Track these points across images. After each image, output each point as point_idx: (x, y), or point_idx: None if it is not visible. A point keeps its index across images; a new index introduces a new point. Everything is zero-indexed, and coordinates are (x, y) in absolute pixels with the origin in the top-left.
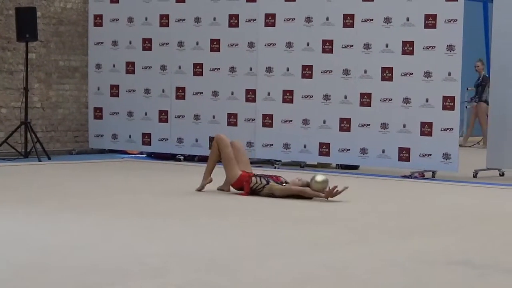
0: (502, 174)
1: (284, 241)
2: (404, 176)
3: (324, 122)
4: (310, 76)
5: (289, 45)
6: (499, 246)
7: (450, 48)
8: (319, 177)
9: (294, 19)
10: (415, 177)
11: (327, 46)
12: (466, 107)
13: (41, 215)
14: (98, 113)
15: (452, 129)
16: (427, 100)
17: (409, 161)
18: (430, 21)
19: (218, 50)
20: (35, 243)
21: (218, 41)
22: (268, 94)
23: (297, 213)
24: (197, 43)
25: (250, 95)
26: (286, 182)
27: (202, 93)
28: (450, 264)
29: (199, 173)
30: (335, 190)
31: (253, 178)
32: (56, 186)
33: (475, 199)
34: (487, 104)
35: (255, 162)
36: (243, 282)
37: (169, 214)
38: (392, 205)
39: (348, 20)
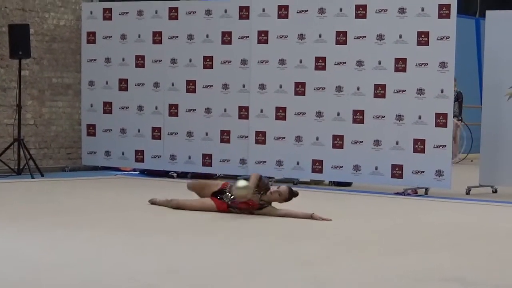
0: (495, 191)
1: (272, 258)
2: (397, 193)
3: (317, 139)
4: (303, 93)
5: (282, 62)
6: (492, 263)
7: (443, 65)
8: (241, 183)
9: (287, 36)
10: (408, 194)
11: (320, 63)
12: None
13: (32, 232)
14: (91, 130)
15: (445, 146)
16: (419, 117)
17: (402, 178)
18: (423, 38)
19: (211, 67)
20: (26, 260)
21: (211, 58)
22: (261, 111)
23: (286, 230)
24: (190, 60)
25: (243, 112)
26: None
27: (195, 110)
28: (443, 281)
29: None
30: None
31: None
32: (48, 203)
33: (469, 216)
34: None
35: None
36: None
37: (161, 231)
38: (384, 222)
39: (341, 37)
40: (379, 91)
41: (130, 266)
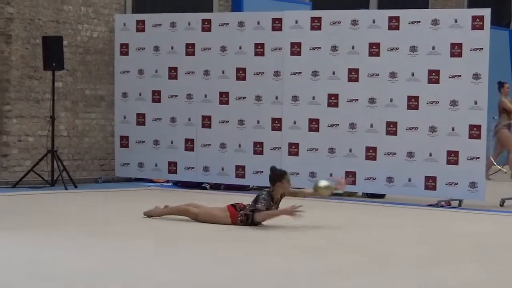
0: None
1: (303, 270)
2: (431, 205)
3: (350, 150)
4: (336, 105)
5: (315, 73)
6: None
7: (476, 76)
8: (322, 183)
9: (320, 47)
10: (442, 206)
11: (353, 74)
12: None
13: (63, 242)
14: (124, 141)
15: (479, 157)
16: (453, 129)
17: (435, 189)
18: (456, 49)
19: (244, 78)
20: (54, 269)
21: (244, 69)
22: (294, 122)
23: (316, 242)
24: (223, 72)
25: (276, 123)
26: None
27: (228, 121)
28: None
29: (224, 201)
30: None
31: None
32: (81, 214)
33: (502, 227)
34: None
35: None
36: None
37: (189, 241)
38: (418, 234)
39: (374, 49)
40: (412, 102)
41: (157, 276)
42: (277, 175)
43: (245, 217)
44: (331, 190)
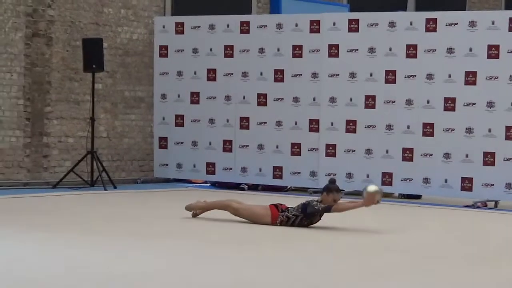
0: None
1: (343, 271)
2: (467, 206)
3: (387, 151)
4: (373, 106)
5: (352, 75)
6: None
7: None
8: (372, 187)
9: (357, 49)
10: (478, 207)
11: (390, 76)
12: None
13: (104, 243)
14: (163, 142)
15: None
16: (489, 130)
17: (471, 190)
18: (493, 51)
19: (282, 80)
20: (96, 271)
21: (282, 71)
22: (332, 124)
23: (351, 241)
24: (261, 74)
25: (314, 125)
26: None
27: (266, 123)
28: None
29: (263, 201)
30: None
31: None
32: (121, 215)
33: None
34: None
35: (318, 192)
36: None
37: (230, 241)
38: (454, 235)
39: (411, 51)
40: (449, 104)
41: (200, 277)
42: (326, 187)
43: (286, 219)
44: (381, 193)
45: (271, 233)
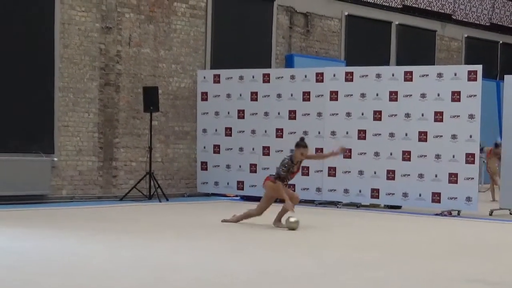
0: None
1: (337, 265)
2: (436, 214)
3: (375, 173)
4: (364, 138)
5: (348, 114)
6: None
7: (471, 116)
8: (292, 219)
9: (352, 94)
10: (445, 215)
11: (377, 115)
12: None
13: (159, 241)
14: (204, 166)
15: (473, 178)
16: (453, 156)
17: (440, 202)
18: (456, 96)
19: (294, 118)
20: (153, 263)
21: (294, 111)
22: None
23: (348, 241)
24: (279, 113)
25: (319, 152)
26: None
27: (283, 151)
28: (468, 282)
29: (275, 209)
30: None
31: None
32: (176, 221)
33: (492, 232)
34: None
35: (322, 203)
36: None
37: (258, 242)
38: (426, 236)
39: (393, 96)
40: (422, 136)
41: (232, 267)
42: (297, 143)
43: (277, 175)
44: (298, 224)
45: (293, 236)
